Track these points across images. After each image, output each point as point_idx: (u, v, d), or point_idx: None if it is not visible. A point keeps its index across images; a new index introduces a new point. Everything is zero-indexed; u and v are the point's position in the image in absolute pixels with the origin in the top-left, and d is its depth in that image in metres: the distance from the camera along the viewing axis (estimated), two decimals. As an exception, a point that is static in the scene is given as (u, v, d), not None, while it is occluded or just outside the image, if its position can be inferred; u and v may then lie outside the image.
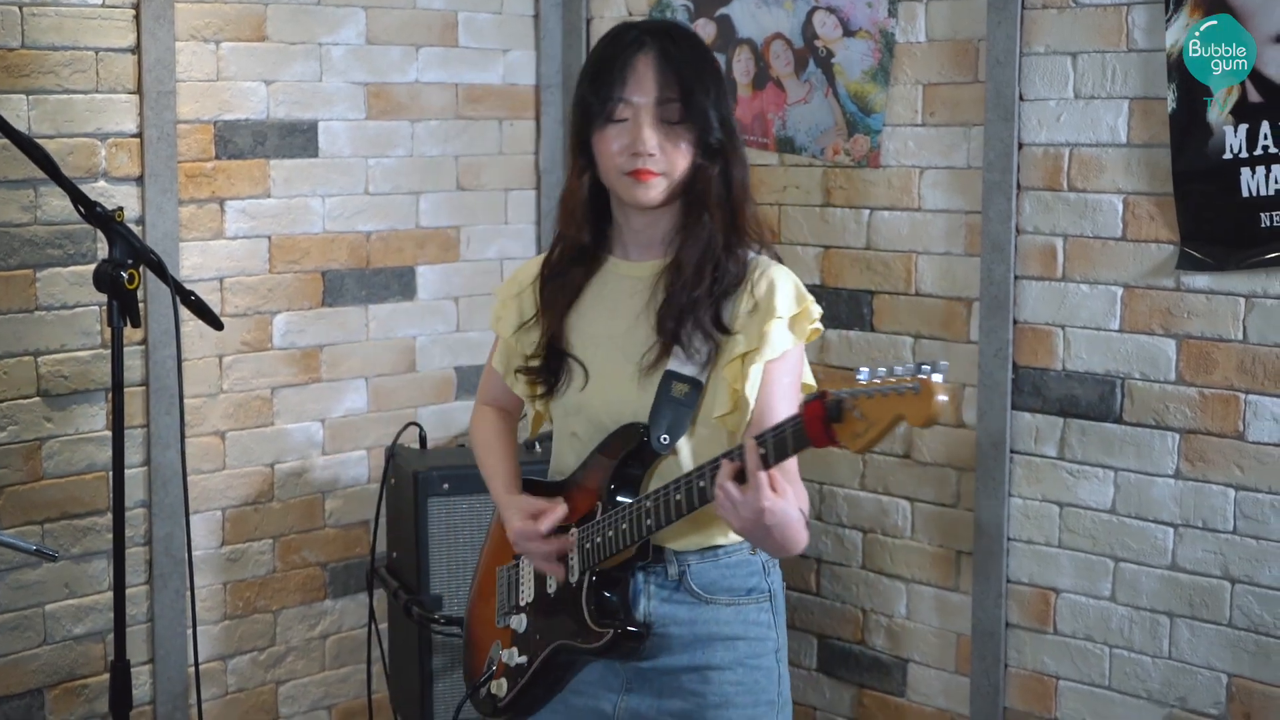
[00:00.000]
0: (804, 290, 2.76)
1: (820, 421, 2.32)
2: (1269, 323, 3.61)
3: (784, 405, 2.69)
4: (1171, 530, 3.80)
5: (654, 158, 2.69)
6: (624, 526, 2.69)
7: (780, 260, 2.81)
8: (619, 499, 2.74)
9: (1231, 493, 3.71)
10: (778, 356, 2.70)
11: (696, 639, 2.77)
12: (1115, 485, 3.89)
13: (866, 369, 2.30)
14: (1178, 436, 3.78)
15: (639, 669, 2.79)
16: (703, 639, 2.77)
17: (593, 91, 2.74)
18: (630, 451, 2.75)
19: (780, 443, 2.42)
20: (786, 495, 2.46)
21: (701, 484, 2.55)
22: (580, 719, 2.84)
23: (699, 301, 2.73)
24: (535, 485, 2.94)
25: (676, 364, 2.73)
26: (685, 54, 2.74)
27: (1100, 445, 3.90)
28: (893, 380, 2.24)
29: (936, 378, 2.20)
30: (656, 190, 2.72)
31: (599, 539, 2.72)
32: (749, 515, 2.45)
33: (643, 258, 2.83)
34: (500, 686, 2.88)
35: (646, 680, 2.79)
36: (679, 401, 2.72)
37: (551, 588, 2.83)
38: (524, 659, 2.85)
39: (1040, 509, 4.02)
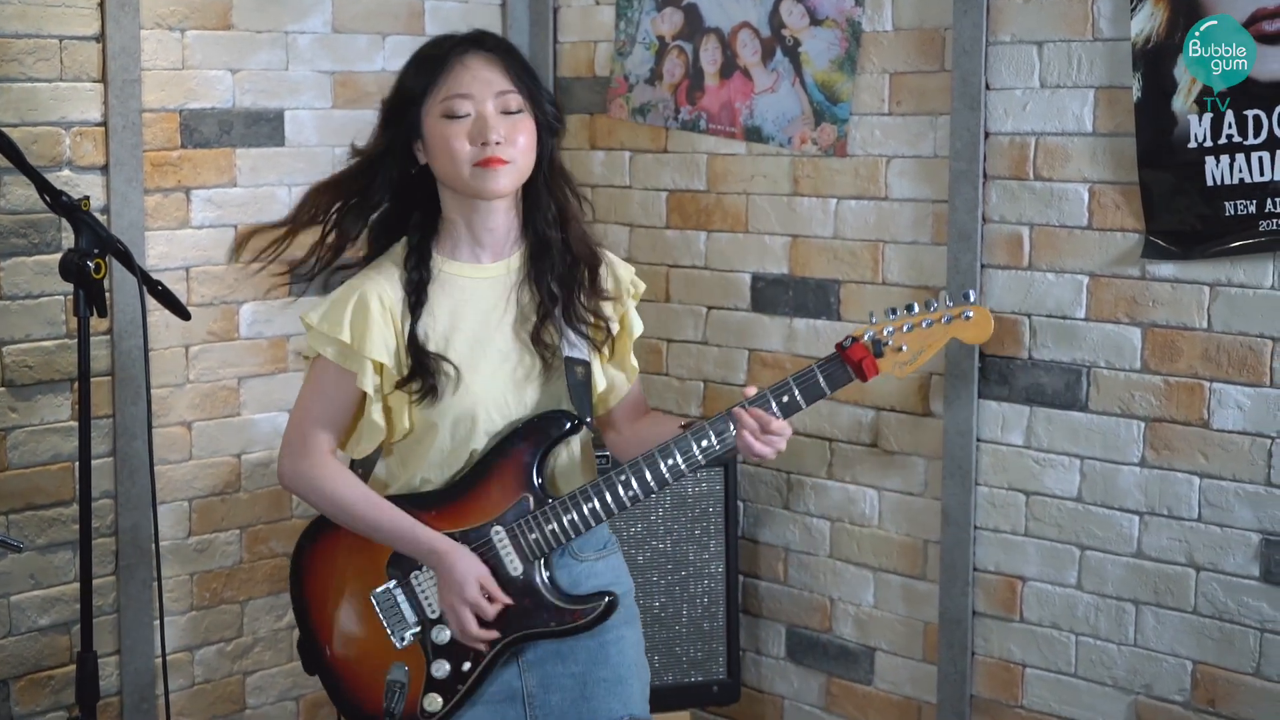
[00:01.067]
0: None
1: (870, 358, 2.83)
2: (1233, 311, 3.63)
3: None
4: (1137, 518, 3.82)
5: (501, 146, 2.81)
6: (592, 506, 2.84)
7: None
8: (541, 486, 2.88)
9: (1196, 480, 3.72)
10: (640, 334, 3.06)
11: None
12: (1081, 473, 3.90)
13: (874, 313, 2.86)
14: (1143, 425, 3.79)
15: (535, 644, 2.93)
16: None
17: (424, 91, 2.85)
18: (560, 438, 2.90)
19: (812, 387, 2.84)
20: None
21: (705, 443, 2.81)
22: (498, 707, 2.93)
23: (578, 288, 2.92)
24: (411, 501, 2.92)
25: (571, 349, 2.91)
26: (507, 47, 2.91)
27: (1066, 434, 3.91)
28: (938, 313, 2.84)
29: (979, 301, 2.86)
30: (506, 179, 2.84)
31: (551, 527, 2.85)
32: (781, 447, 2.83)
33: (487, 259, 2.92)
34: (434, 702, 2.90)
35: (543, 646, 2.93)
36: (581, 384, 2.90)
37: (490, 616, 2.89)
38: (466, 664, 2.90)
39: (1007, 497, 4.03)
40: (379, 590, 2.93)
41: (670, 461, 2.83)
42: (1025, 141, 3.91)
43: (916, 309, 2.85)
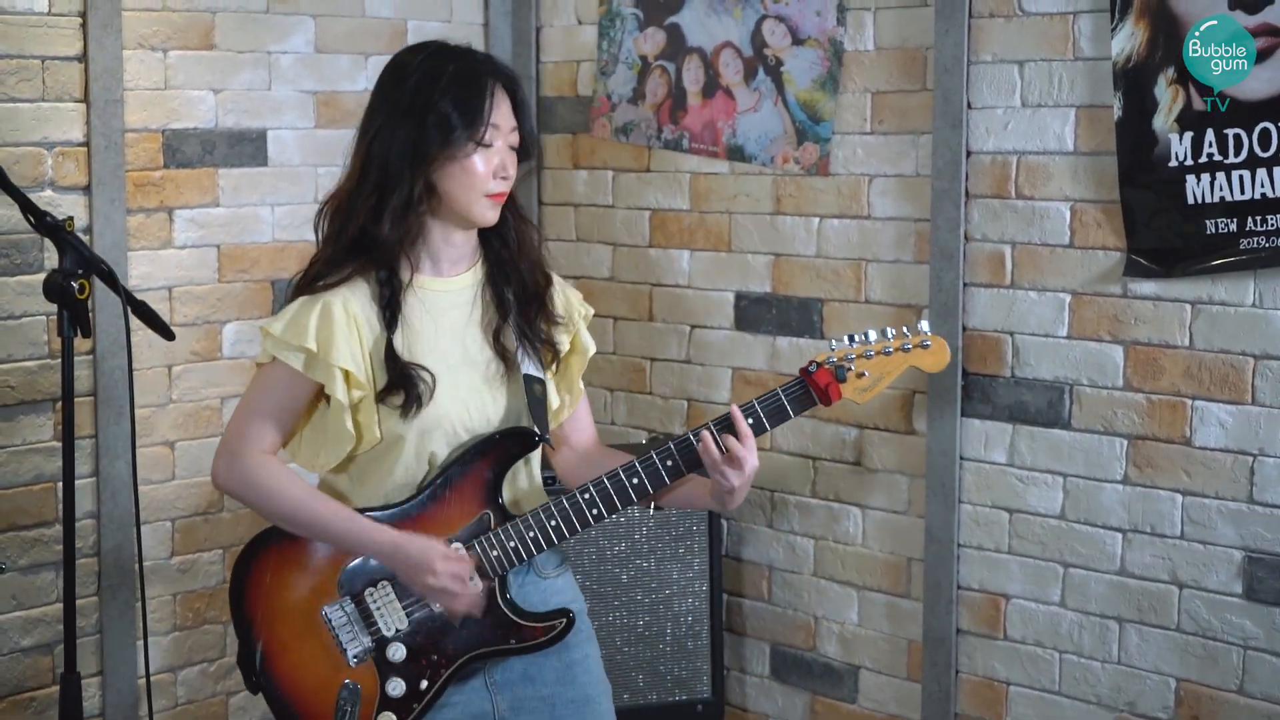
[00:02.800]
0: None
1: (834, 383, 2.83)
2: (1215, 329, 3.64)
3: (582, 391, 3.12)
4: (1120, 536, 3.83)
5: (508, 180, 2.88)
6: (555, 524, 2.84)
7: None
8: (501, 503, 2.88)
9: (1179, 498, 3.73)
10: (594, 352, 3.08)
11: (549, 614, 2.92)
12: (1064, 491, 3.91)
13: (834, 340, 2.88)
14: (1125, 442, 3.80)
15: (501, 662, 2.92)
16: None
17: (462, 113, 2.82)
18: (519, 454, 2.91)
19: (777, 409, 2.83)
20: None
21: (669, 463, 2.82)
22: None
23: (530, 308, 2.96)
24: (370, 513, 2.89)
25: (526, 366, 2.93)
26: (517, 81, 2.94)
27: (1049, 451, 3.92)
28: (897, 340, 2.86)
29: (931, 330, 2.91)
30: (499, 211, 2.90)
31: (513, 544, 2.85)
32: (749, 474, 2.80)
33: (453, 272, 2.94)
34: None
35: (511, 668, 2.92)
36: (539, 401, 2.92)
37: (437, 607, 2.86)
38: (423, 683, 2.87)
39: (990, 515, 4.03)
40: (330, 607, 2.89)
41: (635, 480, 2.83)
42: (1007, 160, 3.93)
43: (873, 336, 2.87)
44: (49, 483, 4.02)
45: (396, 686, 2.86)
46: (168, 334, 3.44)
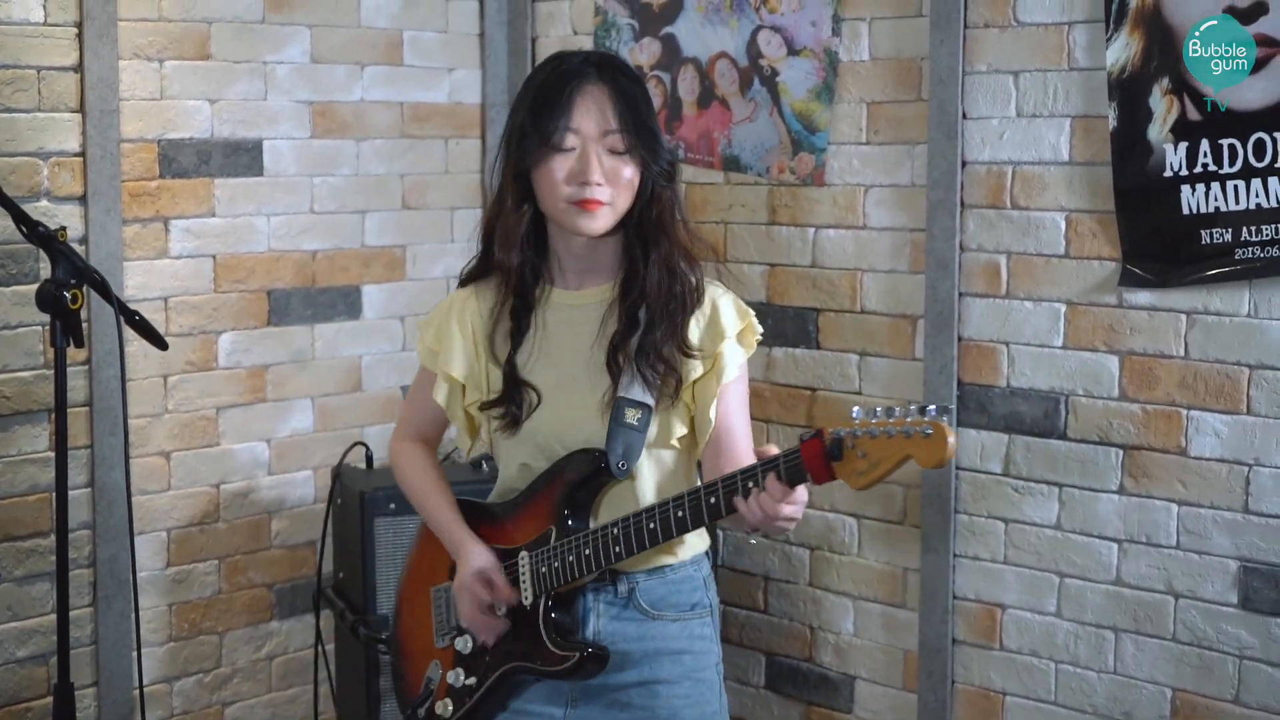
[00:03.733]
0: (743, 304, 2.87)
1: (821, 459, 2.42)
2: (1210, 339, 3.64)
3: (739, 420, 2.81)
4: (1115, 546, 3.83)
5: (601, 187, 2.72)
6: (587, 553, 2.72)
7: (718, 276, 2.90)
8: (571, 523, 2.78)
9: (1174, 508, 3.73)
10: (735, 377, 2.79)
11: (645, 655, 2.81)
12: (1060, 501, 3.91)
13: (860, 409, 2.40)
14: (1121, 452, 3.80)
15: (587, 685, 2.81)
16: (650, 654, 2.81)
17: (535, 119, 2.75)
18: (586, 476, 2.78)
19: (775, 477, 2.48)
20: (798, 500, 2.52)
21: (680, 514, 2.61)
22: None
23: (656, 330, 2.78)
24: (477, 508, 2.94)
25: (628, 390, 2.77)
26: (628, 85, 2.78)
27: (1045, 462, 3.92)
28: (898, 422, 2.36)
29: (945, 420, 2.33)
30: (602, 220, 2.75)
31: (557, 564, 2.76)
32: (777, 514, 2.53)
33: (584, 285, 2.86)
34: (445, 707, 2.90)
35: (594, 696, 2.82)
36: (632, 427, 2.77)
37: (501, 610, 2.84)
38: (472, 680, 2.88)
39: (986, 525, 4.03)
40: (437, 587, 2.97)
41: (651, 526, 2.64)
42: (1002, 170, 3.93)
43: (895, 413, 2.38)
44: (44, 493, 4.01)
45: (457, 677, 2.90)
46: (161, 344, 3.44)
